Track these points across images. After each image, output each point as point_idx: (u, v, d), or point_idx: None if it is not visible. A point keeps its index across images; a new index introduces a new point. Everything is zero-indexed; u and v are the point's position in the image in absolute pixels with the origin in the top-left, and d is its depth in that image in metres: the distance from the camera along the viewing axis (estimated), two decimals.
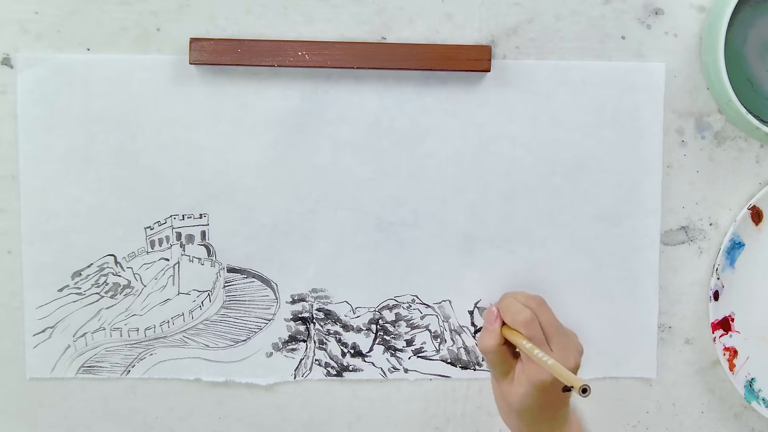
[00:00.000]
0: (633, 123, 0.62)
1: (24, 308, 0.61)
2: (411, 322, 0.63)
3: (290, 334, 0.62)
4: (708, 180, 0.63)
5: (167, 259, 0.62)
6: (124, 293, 0.62)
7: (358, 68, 0.59)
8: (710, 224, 0.63)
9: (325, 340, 0.63)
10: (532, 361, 0.54)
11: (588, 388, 0.47)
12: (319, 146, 0.61)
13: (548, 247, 0.63)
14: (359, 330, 0.63)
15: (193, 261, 0.62)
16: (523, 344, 0.54)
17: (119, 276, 0.62)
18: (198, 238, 0.62)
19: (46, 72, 0.60)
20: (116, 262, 0.61)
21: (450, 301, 0.63)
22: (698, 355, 0.65)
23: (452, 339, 0.63)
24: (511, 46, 0.61)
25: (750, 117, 0.58)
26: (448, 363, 0.63)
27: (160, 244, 0.62)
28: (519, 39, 0.61)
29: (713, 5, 0.60)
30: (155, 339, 0.62)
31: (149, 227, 0.61)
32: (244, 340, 0.62)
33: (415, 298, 0.63)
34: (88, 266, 0.61)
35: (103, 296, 0.62)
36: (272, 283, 0.62)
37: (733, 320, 0.64)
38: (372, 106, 0.61)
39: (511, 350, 0.58)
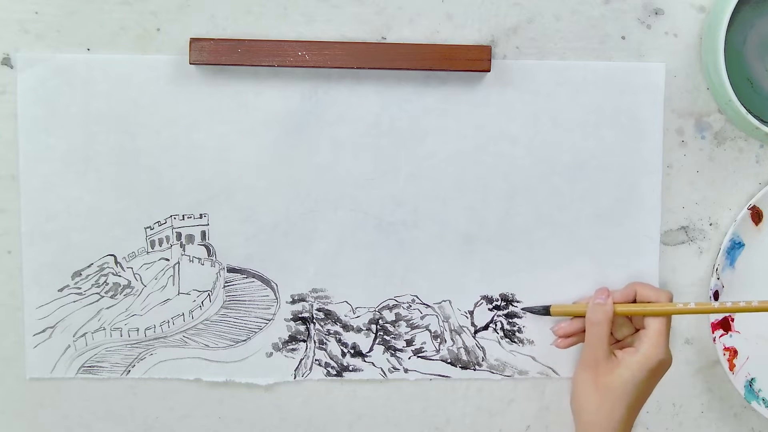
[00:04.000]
0: (633, 123, 0.62)
1: (24, 308, 0.61)
2: (411, 322, 0.63)
3: (290, 334, 0.62)
4: (708, 180, 0.63)
5: (167, 259, 0.62)
6: (124, 293, 0.62)
7: (358, 68, 0.59)
8: (710, 224, 0.63)
9: (325, 340, 0.63)
10: (649, 342, 0.58)
11: None
12: (319, 146, 0.61)
13: (548, 247, 0.63)
14: (359, 330, 0.63)
15: (193, 261, 0.62)
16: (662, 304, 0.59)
17: (119, 276, 0.62)
18: (198, 238, 0.62)
19: (46, 72, 0.60)
20: (116, 262, 0.61)
21: (450, 301, 0.63)
22: (698, 355, 0.65)
23: (452, 339, 0.63)
24: (511, 46, 0.61)
25: (750, 117, 0.58)
26: (448, 363, 0.63)
27: (160, 244, 0.62)
28: (519, 39, 0.61)
29: (713, 5, 0.60)
30: (155, 339, 0.62)
31: (149, 227, 0.61)
32: (244, 340, 0.62)
33: (415, 298, 0.63)
34: (88, 266, 0.61)
35: (103, 296, 0.62)
36: (272, 283, 0.62)
37: (733, 320, 0.64)
38: (372, 106, 0.61)
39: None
